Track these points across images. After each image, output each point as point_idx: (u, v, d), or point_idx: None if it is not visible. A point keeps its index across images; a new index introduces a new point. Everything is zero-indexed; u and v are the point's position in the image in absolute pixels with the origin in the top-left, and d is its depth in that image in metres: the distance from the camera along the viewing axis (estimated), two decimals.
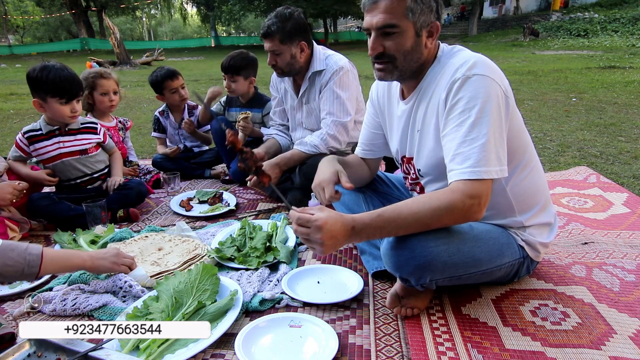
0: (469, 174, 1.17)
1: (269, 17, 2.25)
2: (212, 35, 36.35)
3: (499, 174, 1.20)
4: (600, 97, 5.85)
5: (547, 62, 11.62)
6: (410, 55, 1.32)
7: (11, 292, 1.61)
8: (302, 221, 1.19)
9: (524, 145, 1.38)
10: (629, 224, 2.05)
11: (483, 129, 1.18)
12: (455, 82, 1.23)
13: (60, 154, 2.31)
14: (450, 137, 1.24)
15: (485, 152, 1.18)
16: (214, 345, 1.27)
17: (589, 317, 1.36)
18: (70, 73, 2.17)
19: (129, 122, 3.10)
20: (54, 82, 2.12)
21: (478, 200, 1.17)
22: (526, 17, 25.29)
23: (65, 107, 2.19)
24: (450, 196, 1.17)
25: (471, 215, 1.20)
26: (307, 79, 2.36)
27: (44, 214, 2.21)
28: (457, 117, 1.22)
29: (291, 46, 2.23)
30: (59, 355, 1.20)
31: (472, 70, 1.22)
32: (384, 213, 1.20)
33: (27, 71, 2.16)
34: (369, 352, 1.25)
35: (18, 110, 6.55)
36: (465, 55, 1.30)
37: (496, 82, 1.23)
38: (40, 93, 2.15)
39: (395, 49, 1.29)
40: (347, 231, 1.19)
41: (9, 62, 18.97)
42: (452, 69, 1.27)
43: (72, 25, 36.46)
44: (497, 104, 1.21)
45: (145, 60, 16.26)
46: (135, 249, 1.81)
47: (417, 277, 1.28)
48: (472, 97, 1.20)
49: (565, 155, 3.32)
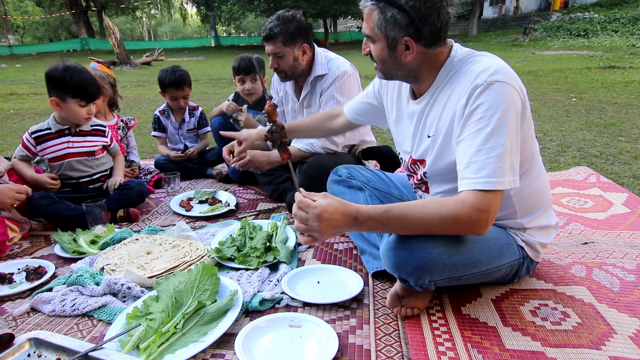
0: (483, 184, 1.16)
1: (270, 20, 2.24)
2: (212, 35, 36.33)
3: (512, 184, 1.18)
4: (600, 97, 5.85)
5: (547, 62, 11.62)
6: (388, 65, 1.36)
7: (11, 292, 1.61)
8: (302, 205, 1.20)
9: (533, 153, 1.37)
10: (629, 224, 2.05)
11: (501, 139, 1.17)
12: (477, 88, 1.21)
13: (67, 154, 2.33)
14: (466, 144, 1.22)
15: (501, 162, 1.16)
16: (214, 345, 1.27)
17: (589, 317, 1.36)
18: (92, 76, 2.27)
19: (133, 120, 3.09)
20: (76, 84, 2.18)
21: (486, 215, 1.16)
22: (526, 17, 25.28)
23: (83, 109, 2.25)
24: (459, 208, 1.16)
25: (476, 230, 1.19)
26: (309, 83, 2.36)
27: (43, 213, 2.21)
28: (475, 124, 1.20)
29: (294, 48, 2.23)
30: (58, 355, 1.20)
31: (494, 76, 1.20)
32: (391, 210, 1.19)
33: (47, 69, 2.20)
34: (369, 352, 1.25)
35: (18, 110, 6.55)
36: (486, 61, 1.27)
37: (516, 91, 1.21)
38: (61, 92, 2.19)
39: (375, 55, 1.36)
40: (349, 221, 1.19)
41: (9, 62, 18.97)
42: (472, 75, 1.25)
43: (72, 25, 36.45)
44: (516, 113, 1.20)
45: (145, 60, 16.27)
46: (124, 252, 1.80)
47: (416, 278, 1.28)
48: (492, 105, 1.18)
49: (565, 155, 3.32)
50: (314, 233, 1.19)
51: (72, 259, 1.88)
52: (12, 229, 2.06)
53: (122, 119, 3.01)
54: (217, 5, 30.57)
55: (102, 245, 1.95)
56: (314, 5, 24.41)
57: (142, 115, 5.91)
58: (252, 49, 27.01)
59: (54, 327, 1.41)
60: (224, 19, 31.60)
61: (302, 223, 1.20)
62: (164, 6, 37.50)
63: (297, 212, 1.21)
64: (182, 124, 3.18)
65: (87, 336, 1.37)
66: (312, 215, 1.17)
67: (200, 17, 41.03)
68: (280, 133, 1.49)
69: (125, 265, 1.68)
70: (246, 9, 28.16)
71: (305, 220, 1.19)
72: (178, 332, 1.29)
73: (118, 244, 1.89)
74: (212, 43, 34.64)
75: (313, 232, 1.19)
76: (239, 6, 27.32)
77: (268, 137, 1.50)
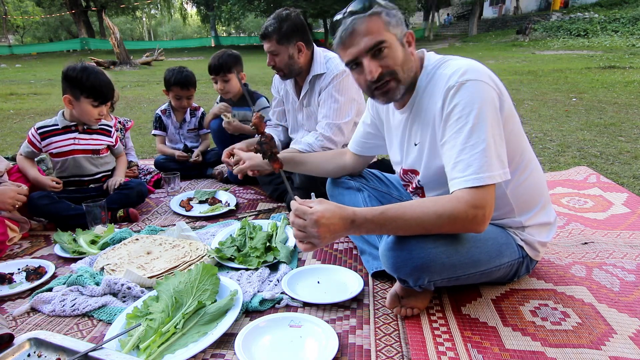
0: (472, 181, 1.16)
1: (268, 19, 2.29)
2: (212, 35, 36.35)
3: (502, 177, 1.19)
4: (600, 97, 5.85)
5: (547, 62, 11.62)
6: (406, 65, 1.33)
7: (11, 292, 1.61)
8: (299, 212, 1.19)
9: (522, 148, 1.38)
10: (629, 223, 2.05)
11: (482, 134, 1.18)
12: (450, 90, 1.23)
13: (72, 150, 2.35)
14: (449, 145, 1.23)
15: (486, 157, 1.17)
16: (214, 345, 1.27)
17: (589, 317, 1.36)
18: (108, 78, 2.32)
19: (129, 122, 3.11)
20: (92, 85, 2.22)
21: (482, 211, 1.17)
22: (526, 17, 25.30)
23: (95, 109, 2.29)
24: (455, 205, 1.16)
25: (474, 227, 1.19)
26: (308, 82, 2.37)
27: (44, 213, 2.21)
28: (454, 124, 1.22)
29: (288, 46, 2.25)
30: (58, 355, 1.20)
31: (465, 76, 1.22)
32: (387, 211, 1.20)
33: (65, 68, 2.25)
34: (369, 352, 1.25)
35: (18, 110, 6.55)
36: (456, 63, 1.29)
37: (490, 86, 1.23)
38: (76, 92, 2.23)
39: (393, 62, 1.29)
40: (346, 225, 1.19)
41: (9, 62, 18.98)
42: (444, 78, 1.27)
43: (72, 25, 36.44)
44: (493, 107, 1.22)
45: (145, 60, 16.28)
46: (124, 252, 1.80)
47: (415, 278, 1.28)
48: (467, 103, 1.20)
49: (565, 155, 3.33)
50: (313, 239, 1.19)
51: (72, 259, 1.88)
52: (12, 229, 2.06)
53: (120, 120, 3.01)
54: (217, 5, 30.56)
55: (102, 245, 1.95)
56: (314, 5, 24.40)
57: (142, 115, 5.91)
58: (252, 49, 27.04)
59: (54, 327, 1.41)
60: (224, 19, 31.54)
61: (300, 230, 1.20)
62: (164, 6, 37.50)
63: (295, 219, 1.20)
64: (183, 123, 3.19)
65: (87, 336, 1.37)
66: (309, 222, 1.17)
67: (200, 17, 41.06)
68: (269, 144, 1.49)
69: (125, 265, 1.68)
70: (246, 9, 28.16)
71: (304, 228, 1.18)
72: (178, 332, 1.29)
73: (118, 244, 1.89)
74: (212, 43, 34.65)
75: (312, 239, 1.19)
76: (239, 6, 27.32)
77: (258, 149, 1.51)
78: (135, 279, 1.58)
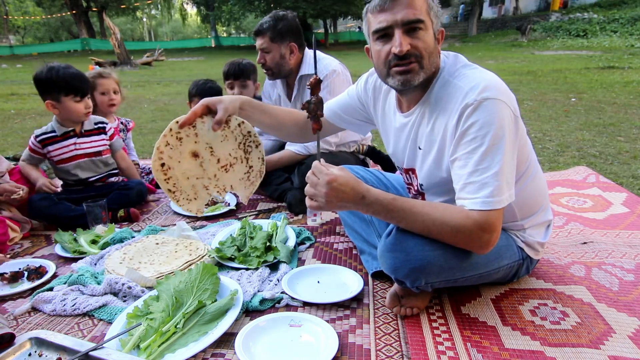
0: (481, 205, 1.15)
1: (264, 17, 2.32)
2: (212, 36, 36.34)
3: (509, 199, 1.19)
4: (600, 97, 5.85)
5: (547, 62, 11.62)
6: (433, 57, 1.26)
7: (12, 291, 1.62)
8: (316, 170, 1.22)
9: (528, 157, 1.37)
10: (628, 223, 2.06)
11: (496, 157, 1.16)
12: (468, 107, 1.19)
13: (74, 156, 2.33)
14: (460, 164, 1.21)
15: (498, 181, 1.16)
16: (214, 345, 1.28)
17: (588, 317, 1.37)
18: (78, 71, 2.24)
19: (131, 123, 3.10)
20: (65, 81, 2.16)
21: (489, 235, 1.16)
22: (526, 17, 25.28)
23: (79, 104, 2.24)
24: (463, 219, 1.16)
25: (476, 248, 1.20)
26: (297, 83, 2.38)
27: (44, 215, 2.21)
28: (468, 144, 1.19)
29: (281, 45, 2.28)
30: (59, 354, 1.20)
31: (484, 93, 1.18)
32: (399, 200, 1.21)
33: (33, 75, 2.19)
34: (369, 352, 1.25)
35: (19, 111, 6.56)
36: (473, 75, 1.25)
37: (507, 105, 1.20)
38: (53, 94, 2.18)
39: (423, 46, 1.22)
40: (357, 198, 1.21)
41: (10, 62, 18.97)
42: (460, 92, 1.23)
43: (73, 26, 36.42)
44: (510, 128, 1.19)
45: (145, 60, 16.26)
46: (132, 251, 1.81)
47: (413, 280, 1.28)
48: (484, 124, 1.17)
49: (564, 155, 3.33)
50: (319, 199, 1.21)
51: (73, 258, 1.88)
52: (13, 229, 2.06)
53: (122, 120, 3.01)
54: (217, 5, 30.56)
55: (103, 244, 1.96)
56: (314, 5, 24.41)
57: (143, 115, 5.91)
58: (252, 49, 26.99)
59: (54, 327, 1.42)
60: (224, 19, 31.54)
61: (312, 187, 1.22)
62: (164, 6, 37.52)
63: (310, 176, 1.23)
64: None
65: (87, 336, 1.37)
66: (322, 181, 1.19)
67: (200, 18, 41.02)
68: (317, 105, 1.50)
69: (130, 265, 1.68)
70: (246, 9, 28.15)
71: (315, 185, 1.21)
72: (178, 331, 1.29)
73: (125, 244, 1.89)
74: (213, 43, 34.64)
75: (319, 198, 1.21)
76: (239, 6, 27.33)
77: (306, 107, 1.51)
78: (136, 278, 1.58)
